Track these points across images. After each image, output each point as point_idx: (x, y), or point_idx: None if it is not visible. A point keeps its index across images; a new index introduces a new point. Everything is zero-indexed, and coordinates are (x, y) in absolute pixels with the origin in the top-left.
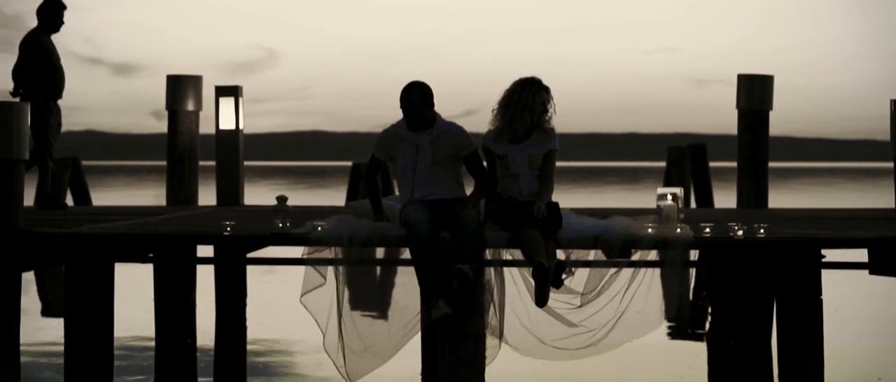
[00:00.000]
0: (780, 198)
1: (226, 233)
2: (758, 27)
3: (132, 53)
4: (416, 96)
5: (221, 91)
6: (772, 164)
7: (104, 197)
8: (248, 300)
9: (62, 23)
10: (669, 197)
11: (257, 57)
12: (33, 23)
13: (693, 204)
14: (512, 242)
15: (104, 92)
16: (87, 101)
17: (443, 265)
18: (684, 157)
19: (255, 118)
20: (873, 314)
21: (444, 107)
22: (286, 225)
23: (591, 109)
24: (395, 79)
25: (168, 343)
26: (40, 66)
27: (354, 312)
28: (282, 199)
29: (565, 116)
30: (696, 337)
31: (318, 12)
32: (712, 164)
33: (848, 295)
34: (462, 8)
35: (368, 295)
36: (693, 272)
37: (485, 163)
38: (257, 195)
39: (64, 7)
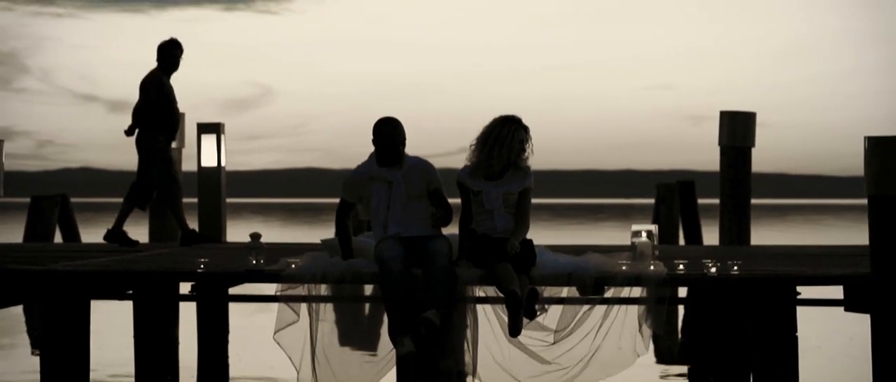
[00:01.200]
0: (777, 235)
1: (199, 270)
2: (756, 63)
3: (128, 90)
4: (399, 131)
5: (203, 128)
6: (772, 201)
7: (97, 234)
8: (232, 336)
9: (178, 64)
10: (644, 234)
11: (253, 93)
12: (27, 59)
13: (682, 242)
14: (485, 279)
15: (100, 129)
16: (82, 138)
17: (414, 302)
18: (673, 195)
19: (250, 155)
20: (855, 351)
21: (440, 143)
22: (260, 262)
23: (588, 146)
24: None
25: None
26: (161, 107)
27: (328, 348)
28: (255, 236)
29: (562, 153)
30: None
31: (313, 48)
32: (708, 201)
33: (827, 331)
34: (458, 45)
35: (358, 331)
36: (674, 309)
37: (459, 199)
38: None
39: (180, 48)
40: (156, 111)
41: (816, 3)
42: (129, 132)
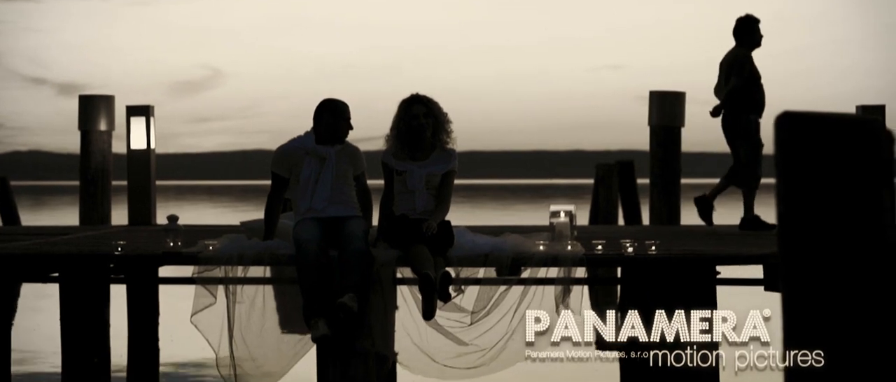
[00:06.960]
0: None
1: (116, 253)
2: (710, 42)
3: (77, 73)
4: (347, 112)
5: (132, 111)
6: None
7: (43, 217)
8: (168, 317)
9: (761, 37)
10: (562, 214)
11: (203, 76)
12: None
13: (621, 221)
14: (402, 260)
15: (49, 112)
16: (32, 122)
17: (329, 285)
18: (612, 174)
19: (201, 137)
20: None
21: (389, 124)
22: (177, 245)
23: (537, 126)
24: (341, 97)
25: (74, 365)
26: (750, 85)
27: (245, 330)
28: (172, 219)
29: (511, 133)
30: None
31: (262, 30)
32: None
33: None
34: (409, 26)
35: (284, 313)
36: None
37: (382, 180)
38: (197, 214)
39: (758, 22)
40: (745, 90)
41: None
42: (715, 113)
